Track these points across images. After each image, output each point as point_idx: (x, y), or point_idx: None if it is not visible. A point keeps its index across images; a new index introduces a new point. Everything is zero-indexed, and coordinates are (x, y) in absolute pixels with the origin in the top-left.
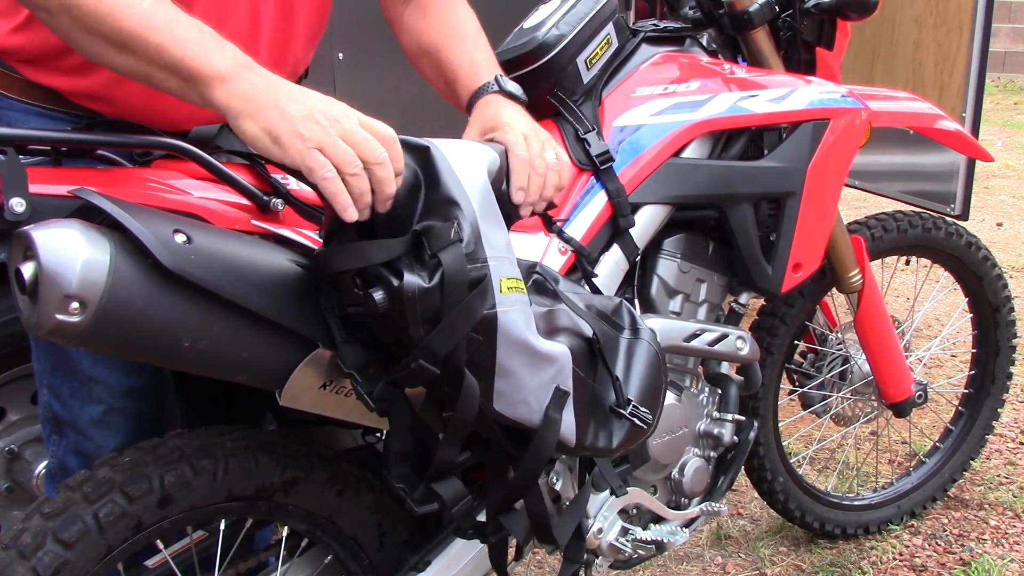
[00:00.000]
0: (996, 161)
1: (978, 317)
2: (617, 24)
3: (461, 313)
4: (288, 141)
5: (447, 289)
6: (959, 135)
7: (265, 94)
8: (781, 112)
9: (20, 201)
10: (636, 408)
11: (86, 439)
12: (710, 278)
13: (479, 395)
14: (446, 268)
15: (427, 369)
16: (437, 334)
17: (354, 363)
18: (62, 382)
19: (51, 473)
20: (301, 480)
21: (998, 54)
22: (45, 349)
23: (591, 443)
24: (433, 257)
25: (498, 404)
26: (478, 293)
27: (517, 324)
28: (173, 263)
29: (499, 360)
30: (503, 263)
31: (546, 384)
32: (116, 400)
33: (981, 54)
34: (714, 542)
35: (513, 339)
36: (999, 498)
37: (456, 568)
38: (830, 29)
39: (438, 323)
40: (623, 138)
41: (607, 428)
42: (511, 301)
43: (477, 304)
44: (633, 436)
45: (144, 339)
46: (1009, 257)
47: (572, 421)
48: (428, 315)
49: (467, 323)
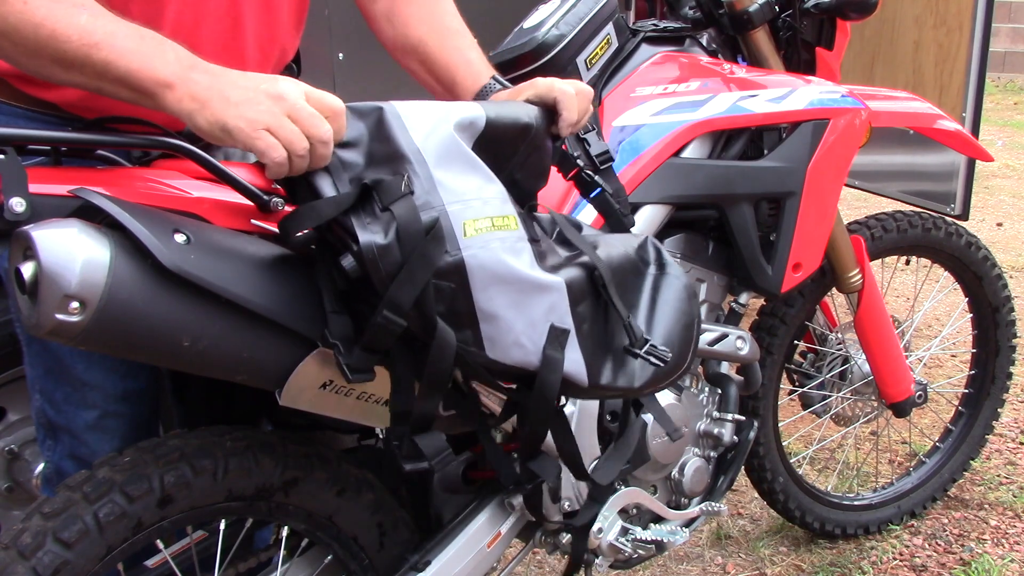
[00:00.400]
0: (996, 161)
1: (978, 317)
2: (617, 24)
3: (417, 260)
4: (235, 127)
5: (403, 241)
6: (959, 135)
7: (208, 89)
8: (781, 112)
9: (20, 201)
10: (653, 347)
11: (81, 444)
12: (710, 278)
13: (455, 343)
14: (399, 220)
15: (393, 320)
16: (397, 285)
17: (340, 333)
18: (55, 387)
19: (47, 478)
20: (301, 480)
21: (998, 54)
22: (38, 354)
23: (608, 382)
24: (385, 210)
25: (491, 351)
26: (431, 238)
27: (492, 262)
28: (173, 263)
29: (478, 304)
30: (467, 206)
31: (538, 321)
32: (111, 404)
33: (981, 54)
34: (714, 542)
35: (490, 279)
36: (999, 498)
37: (456, 567)
38: (830, 29)
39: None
40: (623, 138)
41: (627, 366)
42: (480, 242)
43: (432, 249)
44: (659, 375)
45: (144, 339)
46: (1009, 257)
47: (580, 359)
48: (393, 271)
49: (425, 270)
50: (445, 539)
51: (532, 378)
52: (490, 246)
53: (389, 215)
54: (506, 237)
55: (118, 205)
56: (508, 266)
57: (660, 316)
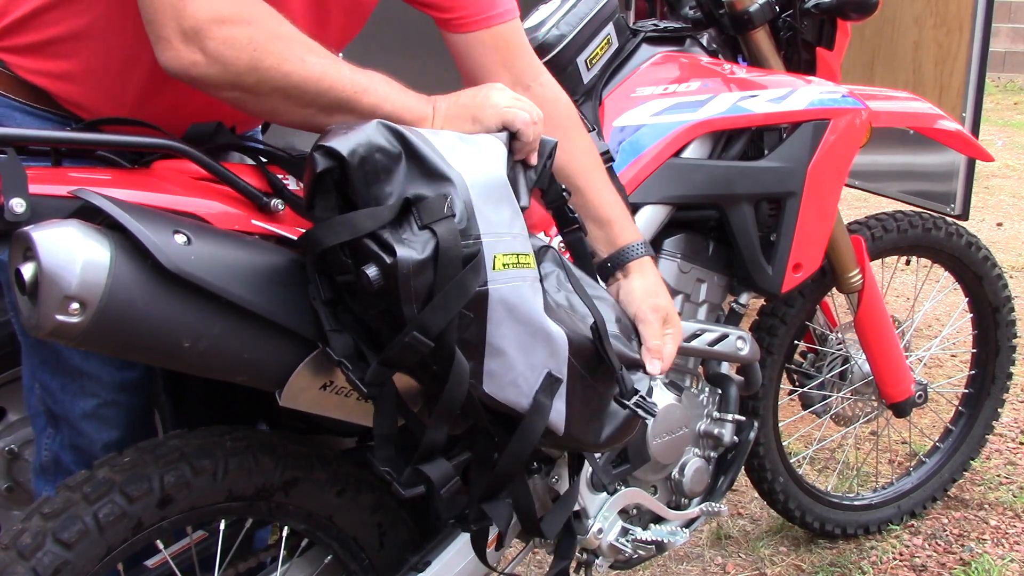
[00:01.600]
0: (996, 161)
1: (978, 317)
2: (617, 24)
3: (455, 289)
4: (484, 116)
5: (441, 264)
6: (959, 135)
7: (448, 109)
8: (781, 112)
9: (20, 201)
10: (642, 399)
11: (79, 434)
12: (710, 278)
13: (469, 375)
14: (441, 241)
15: (422, 342)
16: (431, 310)
17: (343, 351)
18: (52, 377)
19: (43, 467)
20: (301, 480)
21: (998, 54)
22: (33, 345)
23: (578, 434)
24: (423, 229)
25: (488, 386)
26: (471, 268)
27: (513, 299)
28: (173, 264)
29: (489, 339)
30: (499, 239)
31: (538, 367)
32: (109, 394)
33: (981, 54)
34: (714, 542)
35: (506, 315)
36: (999, 498)
37: (456, 568)
38: (830, 29)
39: (429, 300)
40: (623, 138)
41: (598, 421)
42: (506, 278)
43: (471, 280)
44: (623, 432)
45: (144, 340)
46: (1009, 257)
47: (563, 410)
48: (421, 292)
49: (461, 299)
50: (445, 540)
51: (509, 420)
52: (512, 283)
53: (428, 234)
54: (526, 276)
55: (118, 206)
56: (527, 306)
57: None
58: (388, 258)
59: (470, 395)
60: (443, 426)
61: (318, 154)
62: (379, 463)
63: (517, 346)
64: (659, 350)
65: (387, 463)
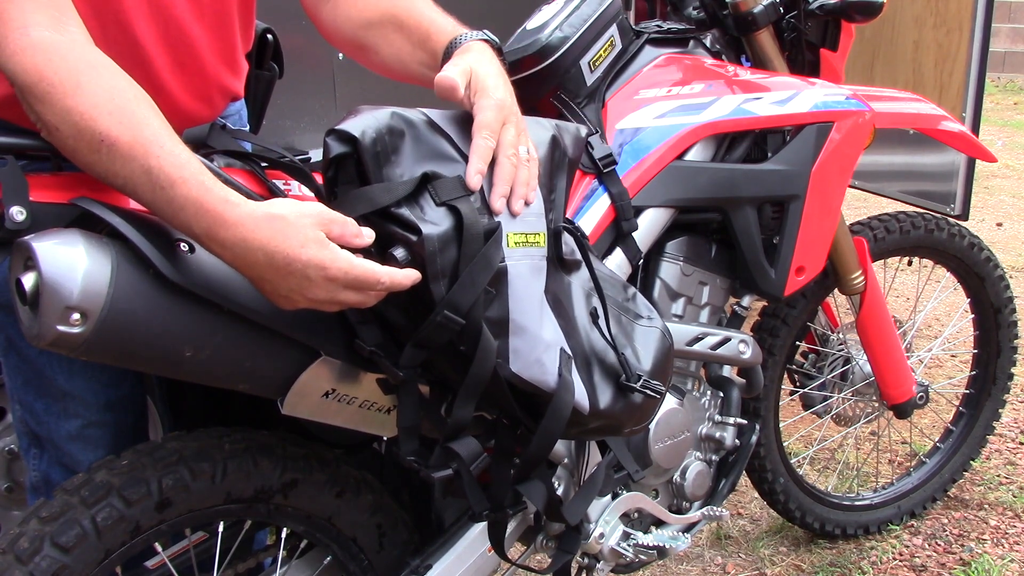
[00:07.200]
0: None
1: (980, 318)
2: (621, 26)
3: (480, 263)
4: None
5: (464, 240)
6: (963, 136)
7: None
8: (785, 115)
9: (21, 210)
10: (648, 381)
11: (64, 454)
12: (713, 281)
13: (495, 349)
14: (465, 217)
15: (453, 320)
16: (459, 287)
17: (374, 340)
18: (35, 398)
19: (34, 487)
20: (300, 482)
21: (998, 54)
22: (16, 365)
23: (607, 408)
24: (441, 205)
25: (515, 364)
26: (493, 242)
27: (526, 278)
28: (175, 274)
29: (512, 315)
30: (511, 219)
31: (552, 344)
32: (94, 414)
33: (981, 54)
34: (714, 542)
35: (523, 292)
36: (999, 498)
37: (457, 572)
38: (834, 30)
39: (455, 279)
40: (626, 141)
41: (622, 397)
42: (518, 255)
43: (494, 253)
44: (647, 408)
45: (146, 349)
46: (1009, 257)
47: (582, 385)
48: (447, 269)
49: (487, 273)
50: (446, 543)
51: (533, 400)
52: (523, 261)
53: (445, 210)
54: (535, 254)
55: (119, 215)
56: (535, 284)
57: (645, 353)
58: (413, 236)
59: (496, 377)
60: (470, 404)
61: (331, 139)
62: (405, 455)
63: (536, 322)
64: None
65: (413, 454)
